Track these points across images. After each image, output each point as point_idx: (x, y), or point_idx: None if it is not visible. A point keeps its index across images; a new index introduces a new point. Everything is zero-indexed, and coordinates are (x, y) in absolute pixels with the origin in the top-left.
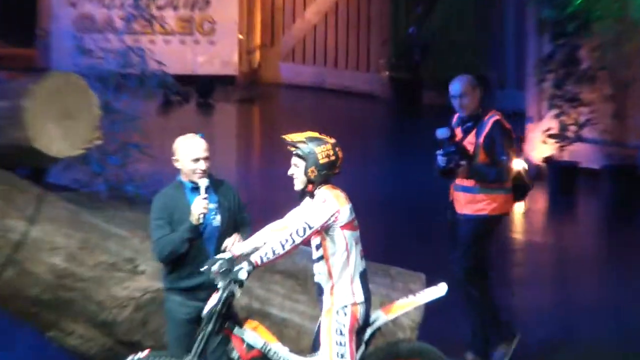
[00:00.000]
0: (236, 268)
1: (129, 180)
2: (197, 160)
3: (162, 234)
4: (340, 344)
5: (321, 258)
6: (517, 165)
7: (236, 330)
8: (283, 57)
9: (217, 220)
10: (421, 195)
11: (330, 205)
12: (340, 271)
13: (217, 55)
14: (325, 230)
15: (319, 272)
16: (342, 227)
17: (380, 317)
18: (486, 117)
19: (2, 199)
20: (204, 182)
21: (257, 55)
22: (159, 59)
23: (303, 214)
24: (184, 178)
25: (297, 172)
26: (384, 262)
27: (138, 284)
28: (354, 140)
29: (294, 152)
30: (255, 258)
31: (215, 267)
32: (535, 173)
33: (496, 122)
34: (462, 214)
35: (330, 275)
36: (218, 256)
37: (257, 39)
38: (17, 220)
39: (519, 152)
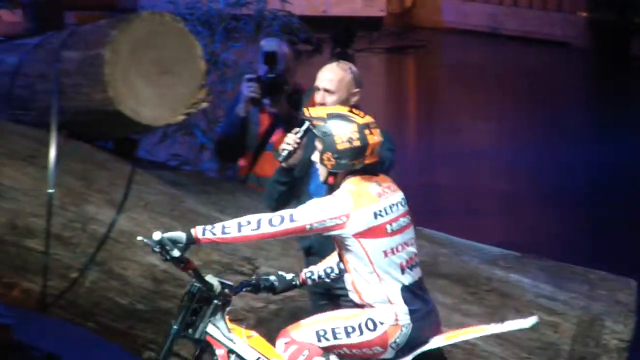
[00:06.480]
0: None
1: None
2: (317, 89)
3: None
4: (334, 336)
5: (344, 271)
6: None
7: (221, 338)
8: None
9: None
10: (634, 179)
11: (339, 204)
12: (370, 289)
13: None
14: (331, 235)
15: (347, 287)
16: (357, 235)
17: (433, 342)
18: None
19: (81, 179)
20: None
21: None
22: None
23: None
24: None
25: (317, 158)
26: (583, 263)
27: None
28: (541, 105)
29: (314, 131)
30: (197, 229)
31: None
32: None
33: None
34: None
35: (357, 293)
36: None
37: None
38: (99, 208)
39: None
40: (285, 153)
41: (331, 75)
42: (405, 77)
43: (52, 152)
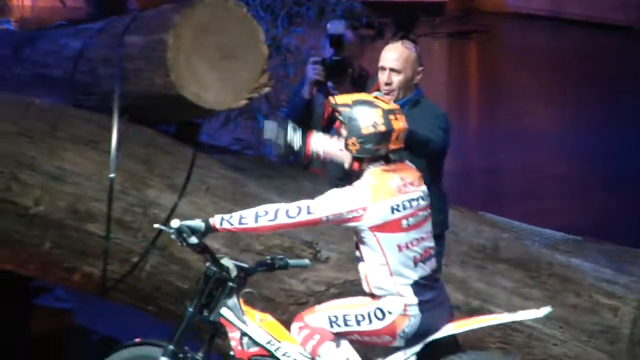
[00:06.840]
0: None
1: None
2: (382, 69)
3: None
4: (345, 323)
5: (360, 259)
6: None
7: (234, 320)
8: None
9: None
10: None
11: (356, 197)
12: (380, 281)
13: None
14: (348, 227)
15: (361, 276)
16: (373, 228)
17: (443, 330)
18: None
19: (142, 163)
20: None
21: None
22: None
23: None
24: None
25: (342, 145)
26: None
27: (320, 275)
28: (603, 89)
29: (338, 118)
30: (215, 218)
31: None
32: None
33: None
34: None
35: (367, 283)
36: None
37: None
38: (161, 192)
39: None
40: None
41: (396, 55)
42: (468, 62)
43: (114, 137)
